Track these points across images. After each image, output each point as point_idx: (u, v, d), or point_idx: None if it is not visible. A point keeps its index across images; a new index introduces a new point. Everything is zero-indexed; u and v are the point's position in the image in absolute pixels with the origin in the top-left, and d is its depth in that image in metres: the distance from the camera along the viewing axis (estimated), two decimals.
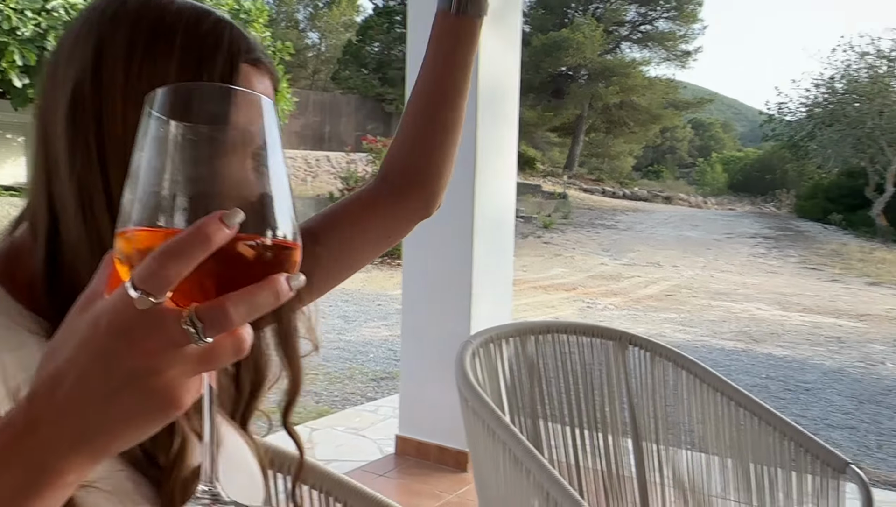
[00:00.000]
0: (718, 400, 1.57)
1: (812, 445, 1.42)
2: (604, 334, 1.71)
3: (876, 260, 15.78)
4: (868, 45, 20.99)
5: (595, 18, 31.28)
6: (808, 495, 1.44)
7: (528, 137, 33.44)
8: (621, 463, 1.65)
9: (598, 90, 30.96)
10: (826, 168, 22.63)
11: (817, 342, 8.03)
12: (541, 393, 1.62)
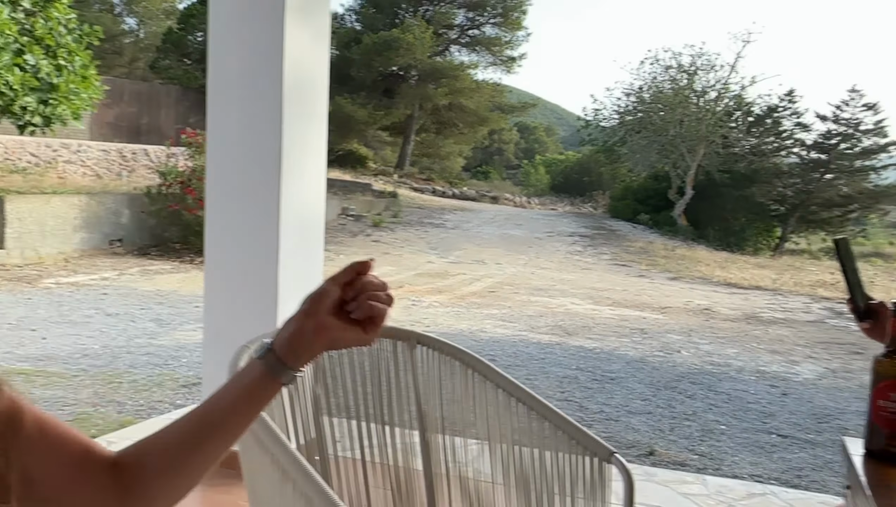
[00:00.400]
0: (500, 395, 1.62)
1: (581, 436, 1.49)
2: (393, 334, 1.70)
3: (677, 257, 17.21)
4: (671, 59, 22.89)
5: (425, 20, 31.76)
6: (579, 482, 1.51)
7: (360, 135, 33.38)
8: (409, 457, 1.65)
9: (429, 91, 31.47)
10: (635, 172, 24.41)
11: (623, 334, 8.61)
12: (326, 392, 1.59)
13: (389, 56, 30.07)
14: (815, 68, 65.25)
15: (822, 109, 23.26)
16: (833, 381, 7.23)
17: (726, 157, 21.49)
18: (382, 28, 31.28)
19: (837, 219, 22.97)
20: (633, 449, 4.61)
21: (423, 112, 33.90)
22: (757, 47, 40.89)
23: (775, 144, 22.95)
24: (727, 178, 21.15)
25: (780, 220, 22.64)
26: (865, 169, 22.40)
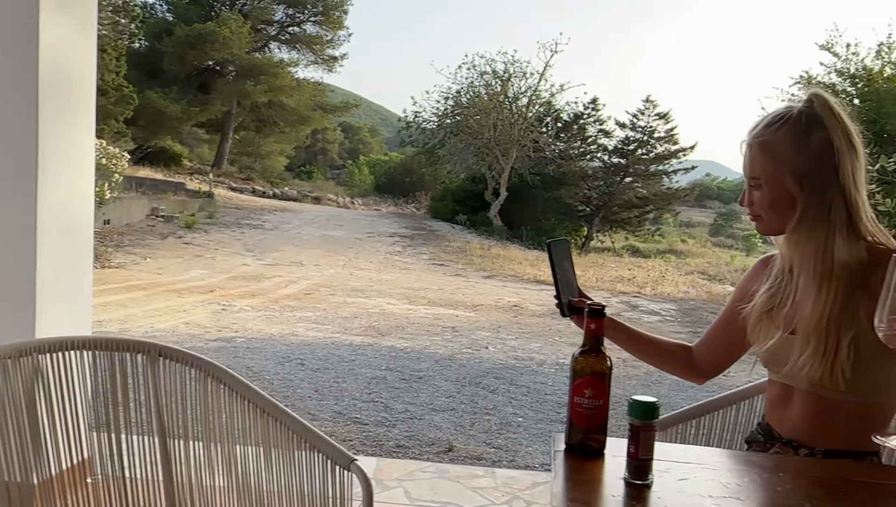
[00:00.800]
0: (246, 406, 1.57)
1: (323, 444, 1.47)
2: (133, 347, 1.61)
3: (492, 256, 17.87)
4: (486, 66, 23.75)
5: (242, 15, 30.77)
6: (322, 489, 1.50)
7: (174, 132, 31.74)
8: (150, 466, 1.57)
9: (247, 88, 30.54)
10: (454, 173, 25.09)
11: (435, 333, 8.79)
12: (63, 406, 1.48)
13: (205, 50, 28.84)
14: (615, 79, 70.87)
15: (622, 117, 25.16)
16: (623, 370, 7.79)
17: (537, 160, 22.64)
18: (197, 20, 29.95)
19: (636, 219, 24.95)
20: (433, 446, 4.70)
21: (242, 109, 32.83)
22: (564, 57, 43.49)
23: (581, 148, 24.53)
24: (538, 180, 22.30)
25: (586, 220, 24.21)
26: (659, 173, 24.49)
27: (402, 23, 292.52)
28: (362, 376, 6.39)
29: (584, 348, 1.22)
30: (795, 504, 1.05)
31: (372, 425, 5.01)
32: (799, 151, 1.46)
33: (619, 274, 16.56)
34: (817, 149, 1.44)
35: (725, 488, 1.09)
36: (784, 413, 1.56)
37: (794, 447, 1.51)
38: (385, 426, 5.02)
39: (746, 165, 1.54)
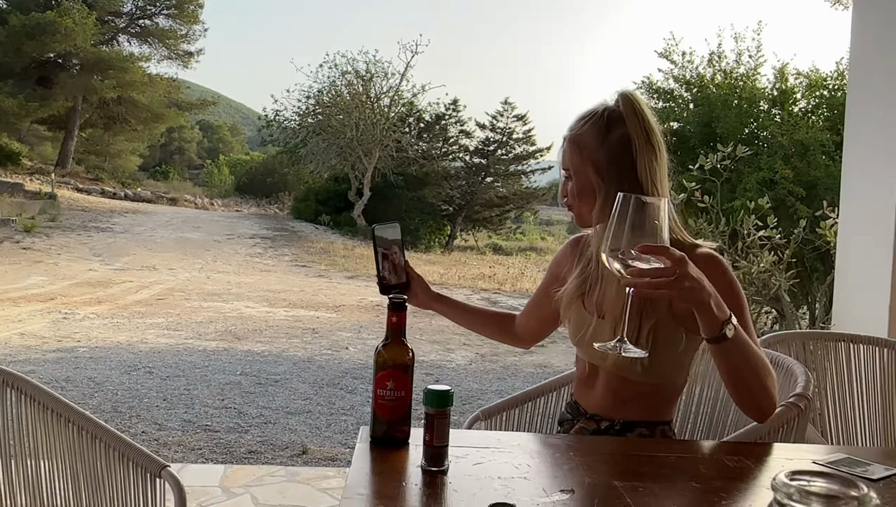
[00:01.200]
0: (50, 416, 1.50)
1: (133, 452, 1.43)
2: None
3: (356, 256, 17.79)
4: (347, 65, 23.60)
5: (87, 5, 28.94)
6: (134, 499, 1.45)
7: (10, 128, 29.39)
8: None
9: (93, 83, 28.74)
10: (317, 173, 24.77)
11: (294, 335, 8.66)
12: None
13: (44, 41, 26.90)
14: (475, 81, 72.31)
15: (482, 119, 25.76)
16: (481, 365, 7.99)
17: (400, 160, 22.76)
18: (35, 9, 27.87)
19: (497, 218, 25.63)
20: (286, 450, 4.64)
21: (89, 105, 30.89)
22: (425, 58, 43.93)
23: (443, 149, 24.89)
24: (401, 180, 22.42)
25: (449, 219, 24.59)
26: (518, 173, 25.28)
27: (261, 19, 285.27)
28: (215, 382, 6.20)
29: (386, 341, 1.26)
30: (578, 480, 1.13)
31: (223, 431, 4.87)
32: (600, 146, 1.55)
33: (481, 271, 16.94)
34: (616, 144, 1.53)
35: (516, 469, 1.16)
36: (589, 390, 1.69)
37: (596, 420, 1.64)
38: (237, 432, 4.90)
39: (560, 158, 1.65)
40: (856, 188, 3.16)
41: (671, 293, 1.20)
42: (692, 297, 1.23)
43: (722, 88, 11.00)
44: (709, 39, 22.56)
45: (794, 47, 42.55)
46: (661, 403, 1.62)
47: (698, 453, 1.30)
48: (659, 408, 1.62)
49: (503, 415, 2.12)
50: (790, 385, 1.77)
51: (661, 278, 1.18)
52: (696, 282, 1.22)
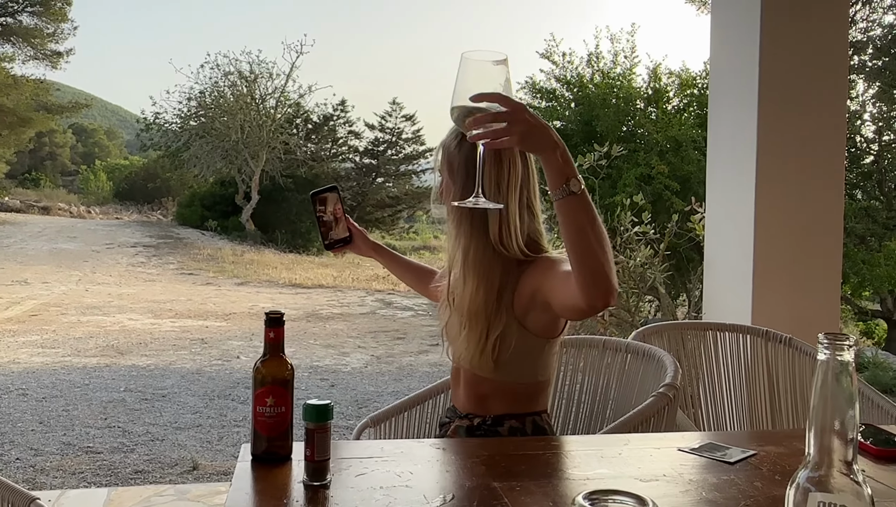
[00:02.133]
0: None
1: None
2: None
3: (246, 261, 17.36)
4: (230, 66, 22.96)
5: None
6: None
7: None
8: None
9: None
10: (202, 177, 23.97)
11: (182, 346, 8.37)
12: None
13: None
14: (363, 81, 71.90)
15: (370, 119, 25.65)
16: (377, 367, 7.98)
17: (288, 162, 22.35)
18: None
19: (389, 218, 25.62)
20: (176, 467, 4.48)
21: None
22: (311, 59, 43.52)
23: (333, 150, 24.63)
24: (290, 182, 22.01)
25: None
26: (409, 173, 25.33)
27: (136, 17, 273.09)
28: (97, 400, 5.91)
29: (265, 357, 1.25)
30: (458, 484, 1.16)
31: (107, 452, 4.66)
32: (458, 150, 1.60)
33: (375, 273, 16.88)
34: (469, 151, 1.55)
35: (398, 477, 1.17)
36: (457, 390, 1.75)
37: (469, 418, 1.68)
38: (122, 451, 4.69)
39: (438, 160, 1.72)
40: (720, 184, 3.37)
41: (513, 138, 1.23)
42: (535, 141, 1.26)
43: (600, 87, 11.43)
44: (587, 41, 23.36)
45: (666, 48, 44.71)
46: (523, 398, 1.66)
47: (571, 447, 1.36)
48: (523, 402, 1.67)
49: (392, 421, 2.14)
50: (660, 376, 1.87)
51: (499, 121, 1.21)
52: (539, 127, 1.25)
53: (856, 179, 13.37)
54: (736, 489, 1.17)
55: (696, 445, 1.39)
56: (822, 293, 3.12)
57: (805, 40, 3.12)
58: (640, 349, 2.09)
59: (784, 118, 3.10)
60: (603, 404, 2.15)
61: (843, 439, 0.74)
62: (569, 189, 1.27)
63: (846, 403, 0.74)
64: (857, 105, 13.90)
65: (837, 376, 0.74)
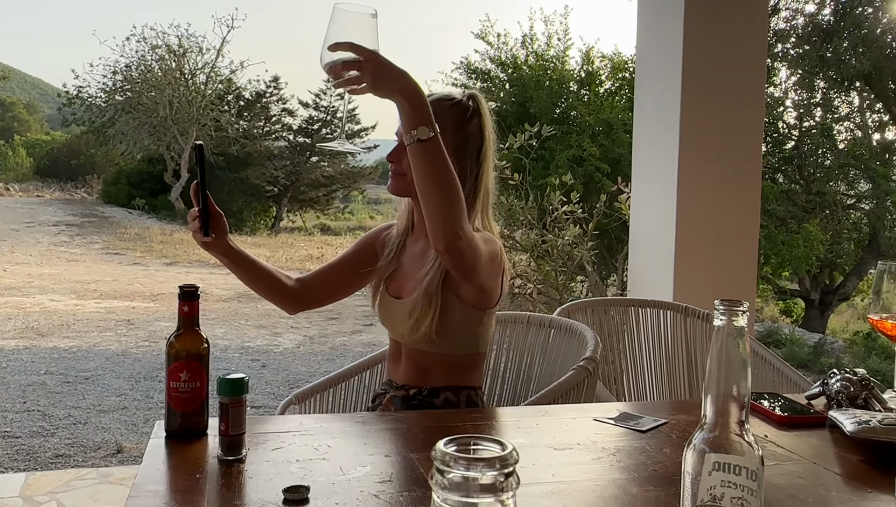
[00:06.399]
0: None
1: None
2: None
3: (175, 241, 16.92)
4: (157, 39, 22.20)
5: None
6: None
7: None
8: None
9: None
10: (129, 154, 23.18)
11: (107, 328, 8.13)
12: None
13: None
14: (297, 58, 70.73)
15: (304, 97, 25.23)
16: (310, 347, 7.92)
17: (220, 140, 21.79)
18: None
19: (324, 197, 25.29)
20: (99, 451, 4.38)
21: None
22: (242, 34, 42.41)
23: (266, 128, 24.13)
24: (222, 161, 21.49)
25: (274, 200, 23.93)
26: (343, 152, 24.95)
27: None
28: (15, 384, 5.70)
29: (178, 331, 1.22)
30: (376, 457, 1.16)
31: (25, 437, 4.51)
32: (457, 127, 1.65)
33: (309, 253, 16.71)
34: (474, 132, 1.66)
35: (316, 450, 1.17)
36: (397, 366, 1.77)
37: (406, 388, 1.71)
38: (42, 436, 4.55)
39: None
40: (644, 165, 3.44)
41: (365, 81, 1.30)
42: (386, 87, 1.32)
43: (534, 69, 11.51)
44: (521, 22, 23.47)
45: (599, 32, 45.27)
46: (462, 371, 1.72)
47: (494, 419, 1.38)
48: (462, 375, 1.71)
49: (318, 397, 2.13)
50: (581, 350, 1.92)
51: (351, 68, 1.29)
52: (390, 74, 1.31)
53: (778, 164, 13.86)
54: (645, 456, 1.21)
55: (612, 415, 1.43)
56: (740, 271, 3.24)
57: (726, 26, 3.21)
58: (562, 325, 2.13)
59: (706, 104, 3.19)
60: (527, 378, 2.19)
61: (736, 401, 0.77)
62: (416, 136, 1.34)
63: (740, 367, 0.77)
64: (780, 92, 14.38)
65: (732, 342, 0.77)
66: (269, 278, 1.77)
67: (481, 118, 1.68)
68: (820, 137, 14.05)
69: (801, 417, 1.42)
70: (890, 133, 13.81)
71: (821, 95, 13.84)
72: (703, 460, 0.78)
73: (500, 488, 0.51)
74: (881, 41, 11.77)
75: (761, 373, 2.31)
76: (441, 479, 0.51)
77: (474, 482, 0.51)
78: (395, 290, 1.76)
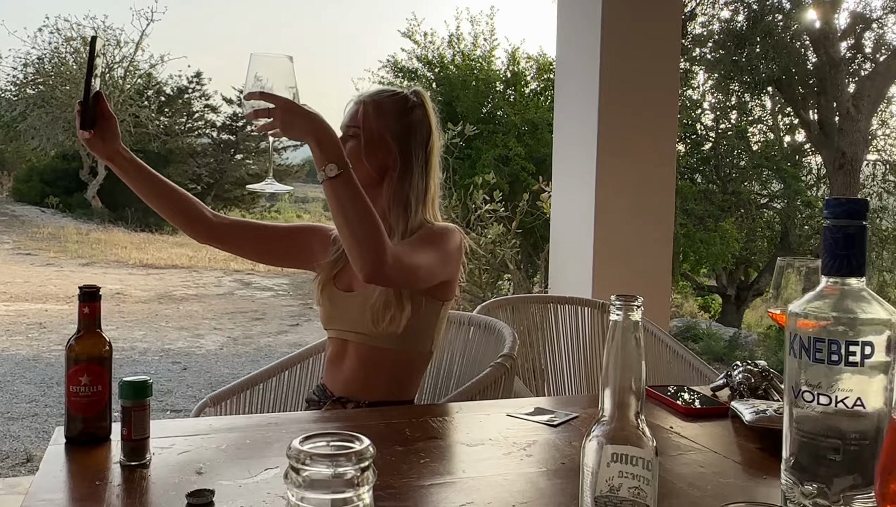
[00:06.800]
0: None
1: None
2: None
3: (92, 241, 16.32)
4: (71, 30, 21.33)
5: None
6: None
7: None
8: None
9: None
10: (42, 150, 22.20)
11: (18, 331, 7.79)
12: None
13: None
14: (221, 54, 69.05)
15: (228, 93, 24.66)
16: (233, 348, 7.77)
17: (140, 136, 21.09)
18: None
19: (250, 196, 24.79)
20: (7, 460, 4.19)
21: None
22: (162, 27, 41.30)
23: (188, 124, 23.49)
24: (142, 157, 20.57)
25: (198, 198, 23.29)
26: (266, 150, 24.55)
27: None
28: None
29: (79, 334, 1.18)
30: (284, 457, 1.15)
31: None
32: (399, 115, 1.69)
33: None
34: (417, 121, 1.70)
35: (224, 453, 1.15)
36: (339, 369, 1.73)
37: (343, 402, 1.68)
38: None
39: (349, 115, 1.72)
40: (564, 164, 3.51)
41: (277, 126, 1.41)
42: (296, 130, 1.42)
43: (461, 68, 11.57)
44: (448, 22, 23.56)
45: (524, 33, 45.81)
46: (409, 375, 1.71)
47: (407, 417, 1.38)
48: (406, 381, 1.71)
49: (237, 399, 2.08)
50: (498, 346, 1.94)
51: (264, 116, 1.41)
52: (298, 118, 1.41)
53: (696, 164, 14.33)
54: (556, 449, 1.23)
55: (527, 410, 1.45)
56: (656, 268, 3.33)
57: (642, 30, 3.29)
58: (481, 322, 2.15)
59: (623, 105, 3.27)
60: (448, 376, 2.20)
61: (632, 393, 0.79)
62: (326, 173, 1.41)
63: (635, 360, 0.79)
64: (698, 95, 14.86)
65: (627, 336, 0.79)
66: (174, 195, 1.69)
67: (425, 110, 1.73)
68: (735, 138, 14.59)
69: (705, 408, 1.47)
70: (800, 136, 14.47)
71: (736, 99, 14.38)
72: (602, 452, 0.80)
73: (356, 482, 0.52)
74: (790, 48, 12.32)
75: (674, 367, 2.39)
76: (296, 477, 0.52)
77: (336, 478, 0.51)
78: (344, 284, 1.74)
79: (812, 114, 12.73)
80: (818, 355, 0.78)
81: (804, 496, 0.81)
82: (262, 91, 1.39)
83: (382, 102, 1.71)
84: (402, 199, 1.67)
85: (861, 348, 0.76)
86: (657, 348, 2.45)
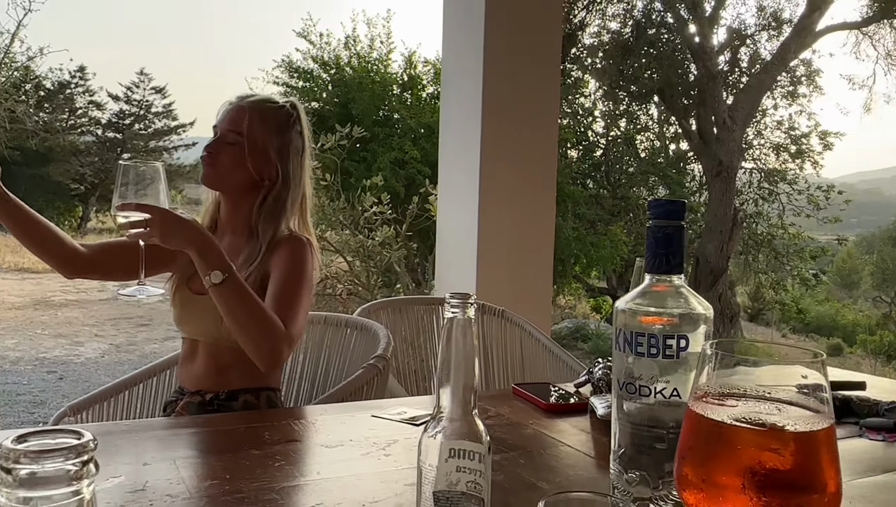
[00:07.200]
0: None
1: None
2: None
3: None
4: None
5: None
6: None
7: None
8: None
9: None
10: None
11: None
12: None
13: None
14: (107, 48, 65.57)
15: (114, 89, 23.61)
16: (116, 356, 7.44)
17: (16, 132, 19.87)
18: None
19: None
20: None
21: None
22: (41, 18, 39.26)
23: (70, 121, 22.33)
24: (19, 155, 19.61)
25: (80, 199, 22.22)
26: (160, 149, 23.71)
27: None
28: None
29: None
30: (134, 464, 1.11)
31: None
32: (281, 129, 1.73)
33: None
34: (296, 137, 1.76)
35: None
36: (192, 367, 1.74)
37: (201, 394, 1.69)
38: None
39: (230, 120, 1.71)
40: (449, 168, 3.55)
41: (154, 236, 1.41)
42: (173, 239, 1.43)
43: (357, 70, 11.52)
44: (344, 23, 23.39)
45: (421, 37, 46.06)
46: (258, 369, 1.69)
47: (268, 421, 1.36)
48: (262, 374, 1.69)
49: (100, 408, 2.00)
50: (373, 348, 1.94)
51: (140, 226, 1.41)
52: (177, 229, 1.43)
53: (588, 170, 14.81)
54: (414, 448, 1.24)
55: (393, 410, 1.45)
56: (538, 270, 3.42)
57: (523, 40, 3.38)
58: (358, 324, 2.15)
59: (506, 110, 3.34)
60: (325, 377, 2.18)
61: (466, 388, 0.81)
62: (211, 280, 1.44)
63: (470, 356, 0.81)
64: (590, 102, 15.36)
65: (462, 332, 0.81)
66: (45, 232, 1.64)
67: (302, 125, 1.78)
68: (624, 145, 15.15)
69: (565, 404, 1.52)
70: (684, 144, 15.20)
71: (624, 107, 14.96)
72: (440, 448, 0.81)
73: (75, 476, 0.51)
74: (673, 60, 12.92)
75: (552, 366, 2.45)
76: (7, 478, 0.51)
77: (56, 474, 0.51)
78: (197, 287, 1.72)
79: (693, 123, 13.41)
80: (639, 348, 0.82)
81: (628, 484, 0.85)
82: (136, 203, 1.39)
83: (267, 115, 1.73)
84: (276, 210, 1.71)
85: (677, 342, 0.81)
86: (534, 348, 2.52)
